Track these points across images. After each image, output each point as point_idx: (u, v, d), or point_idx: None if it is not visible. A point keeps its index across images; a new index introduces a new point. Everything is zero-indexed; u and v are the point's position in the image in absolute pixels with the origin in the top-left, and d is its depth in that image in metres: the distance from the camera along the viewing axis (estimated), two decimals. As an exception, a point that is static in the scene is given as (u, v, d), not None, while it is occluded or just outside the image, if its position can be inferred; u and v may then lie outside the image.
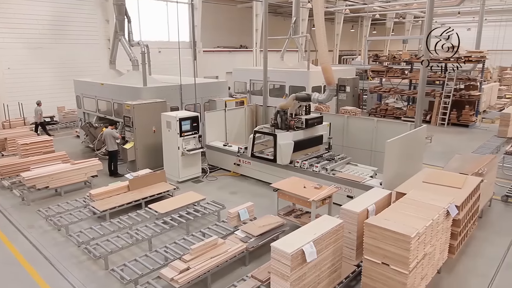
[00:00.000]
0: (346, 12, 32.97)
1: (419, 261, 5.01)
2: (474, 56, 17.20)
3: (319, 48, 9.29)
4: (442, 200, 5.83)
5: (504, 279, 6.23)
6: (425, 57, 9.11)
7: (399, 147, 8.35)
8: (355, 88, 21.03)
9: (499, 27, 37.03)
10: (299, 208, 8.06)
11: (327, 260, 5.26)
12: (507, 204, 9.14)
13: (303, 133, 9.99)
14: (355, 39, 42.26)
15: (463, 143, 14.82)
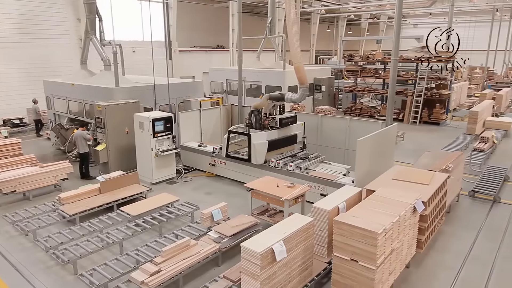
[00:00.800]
0: (321, 13, 33.34)
1: (387, 257, 5.11)
2: (444, 56, 17.71)
3: (292, 48, 9.36)
4: (409, 196, 5.97)
5: (469, 272, 6.44)
6: (394, 57, 9.31)
7: (371, 145, 8.50)
8: (331, 87, 21.30)
9: (468, 28, 38.32)
10: (273, 207, 8.10)
11: (298, 258, 5.29)
12: (474, 199, 9.45)
13: (277, 133, 10.04)
14: (332, 39, 42.84)
15: (434, 140, 15.23)
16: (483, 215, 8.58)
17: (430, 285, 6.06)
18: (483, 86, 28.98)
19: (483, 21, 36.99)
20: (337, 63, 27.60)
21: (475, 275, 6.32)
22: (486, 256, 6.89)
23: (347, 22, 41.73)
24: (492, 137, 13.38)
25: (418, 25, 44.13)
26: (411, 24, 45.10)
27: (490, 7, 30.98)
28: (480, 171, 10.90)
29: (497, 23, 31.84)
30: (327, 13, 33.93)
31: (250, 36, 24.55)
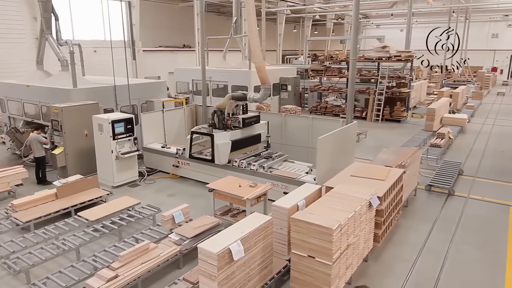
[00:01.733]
0: (287, 13, 33.67)
1: (343, 252, 5.23)
2: (403, 56, 18.36)
3: (252, 48, 9.39)
4: (365, 192, 6.13)
5: (424, 263, 6.69)
6: (353, 57, 9.54)
7: (331, 143, 8.67)
8: (296, 87, 21.57)
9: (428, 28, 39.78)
10: (236, 207, 8.10)
11: (257, 257, 5.32)
12: (430, 192, 9.84)
13: (240, 132, 10.04)
14: (298, 39, 43.37)
15: (394, 137, 15.74)
16: (439, 208, 8.95)
17: (386, 278, 6.25)
18: (441, 84, 30.26)
19: (441, 22, 38.56)
20: (303, 63, 28.00)
21: (429, 266, 6.58)
22: (440, 247, 7.19)
23: (313, 23, 42.37)
24: (448, 133, 13.99)
25: (381, 25, 45.51)
26: (374, 25, 46.43)
27: (447, 8, 32.34)
28: (437, 166, 11.36)
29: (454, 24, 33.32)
30: (292, 13, 34.31)
31: (216, 36, 24.51)
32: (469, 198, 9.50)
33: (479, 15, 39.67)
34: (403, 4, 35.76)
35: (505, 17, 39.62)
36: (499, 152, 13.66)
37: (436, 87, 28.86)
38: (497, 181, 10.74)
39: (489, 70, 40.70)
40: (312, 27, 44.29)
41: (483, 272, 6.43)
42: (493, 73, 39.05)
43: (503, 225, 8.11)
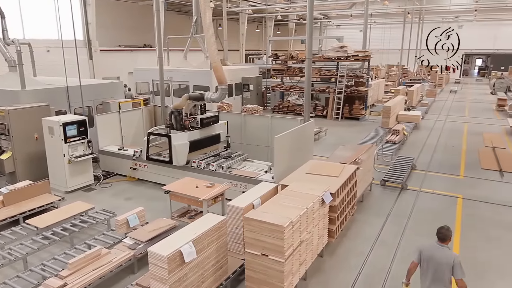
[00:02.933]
0: (249, 13, 33.76)
1: (296, 248, 5.31)
2: (361, 55, 18.91)
3: (209, 48, 9.33)
4: (318, 189, 6.26)
5: (376, 255, 6.92)
6: (308, 56, 9.71)
7: (288, 141, 8.77)
8: (259, 86, 21.67)
9: (384, 29, 41.29)
10: (194, 209, 8.01)
11: (211, 258, 5.29)
12: (385, 187, 10.20)
13: (199, 133, 9.96)
14: (261, 39, 43.61)
15: (353, 134, 16.18)
16: (392, 202, 9.30)
17: (341, 272, 6.41)
18: (398, 83, 31.45)
19: (397, 22, 40.10)
20: (266, 63, 28.17)
21: (381, 258, 6.81)
22: (392, 240, 7.47)
23: (276, 23, 42.78)
24: (402, 130, 14.56)
25: (341, 26, 46.68)
26: (335, 25, 47.55)
27: (402, 10, 33.66)
28: (391, 162, 11.79)
29: (409, 25, 34.75)
30: (254, 13, 34.44)
31: (177, 35, 24.15)
32: (421, 192, 9.93)
33: (432, 16, 41.58)
34: (361, 5, 36.90)
35: (455, 18, 41.76)
36: (450, 147, 14.38)
37: (393, 86, 29.95)
38: (447, 174, 11.30)
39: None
40: (275, 27, 44.71)
41: (431, 261, 6.74)
42: (447, 71, 41.10)
43: (451, 216, 8.54)
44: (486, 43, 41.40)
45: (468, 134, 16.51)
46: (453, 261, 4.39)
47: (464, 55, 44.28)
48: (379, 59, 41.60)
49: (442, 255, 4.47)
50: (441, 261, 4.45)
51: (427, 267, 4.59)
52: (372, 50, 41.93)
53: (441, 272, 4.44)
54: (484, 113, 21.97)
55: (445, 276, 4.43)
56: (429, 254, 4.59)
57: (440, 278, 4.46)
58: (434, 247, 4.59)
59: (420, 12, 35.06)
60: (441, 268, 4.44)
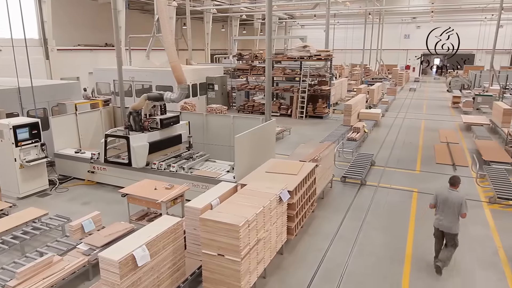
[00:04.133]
0: (213, 12, 33.57)
1: (252, 247, 5.33)
2: (323, 55, 19.26)
3: (167, 47, 9.19)
4: (276, 187, 6.31)
5: (335, 250, 7.08)
6: (268, 56, 9.78)
7: (249, 140, 8.79)
8: (224, 86, 21.61)
9: (347, 29, 42.32)
10: (154, 211, 7.88)
11: (167, 260, 5.22)
12: (345, 184, 10.45)
13: (159, 134, 9.79)
14: (228, 38, 43.50)
15: (317, 132, 16.46)
16: (351, 197, 9.54)
17: (300, 268, 6.50)
18: (361, 82, 32.31)
19: (359, 23, 41.24)
20: (231, 62, 28.13)
21: (339, 253, 6.97)
22: (350, 235, 7.66)
23: (241, 22, 42.78)
24: (363, 127, 14.97)
25: (305, 26, 47.37)
26: (299, 25, 48.19)
27: (363, 10, 34.59)
28: (352, 158, 12.09)
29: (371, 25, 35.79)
30: (219, 12, 34.29)
31: (139, 34, 23.62)
32: (379, 187, 10.26)
33: (392, 17, 43.05)
34: (325, 5, 37.64)
35: (413, 19, 43.44)
36: (408, 143, 14.94)
37: (356, 84, 30.74)
38: (404, 169, 11.73)
39: (403, 68, 44.43)
40: (241, 27, 44.70)
41: (386, 254, 6.96)
42: (406, 70, 42.67)
43: (406, 209, 8.87)
44: (443, 43, 43.34)
45: (425, 130, 17.22)
46: (462, 200, 6.01)
47: (422, 55, 46.16)
48: (343, 59, 42.63)
49: (454, 197, 6.06)
50: (454, 201, 6.03)
51: (443, 207, 6.16)
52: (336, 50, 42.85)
53: (453, 209, 6.05)
54: (441, 110, 23.01)
55: (456, 211, 6.05)
56: (444, 197, 6.16)
57: (453, 213, 6.08)
58: (447, 192, 6.17)
59: (380, 13, 36.16)
60: (453, 206, 6.04)
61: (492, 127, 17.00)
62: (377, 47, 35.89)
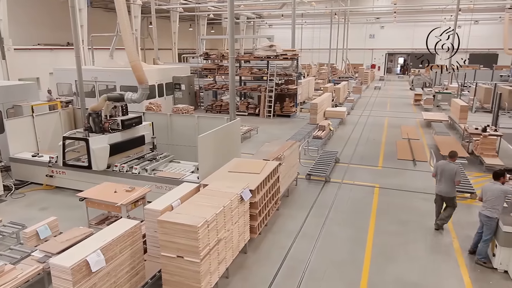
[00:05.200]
0: (180, 11, 33.16)
1: (213, 248, 5.31)
2: (289, 54, 19.45)
3: (127, 46, 8.99)
4: (237, 186, 6.31)
5: (298, 247, 7.17)
6: (231, 55, 9.76)
7: (213, 140, 8.74)
8: (191, 86, 21.40)
9: (314, 29, 42.95)
10: (115, 215, 7.68)
11: (125, 264, 5.10)
12: (310, 181, 10.60)
13: (120, 135, 9.56)
14: (195, 37, 43.10)
15: (284, 131, 16.60)
16: (316, 194, 9.69)
17: (263, 266, 6.53)
18: (328, 81, 32.88)
19: (326, 23, 42.00)
20: (199, 62, 27.87)
21: (302, 250, 7.07)
22: (313, 231, 7.78)
23: (209, 21, 42.49)
24: (328, 125, 15.24)
25: (273, 25, 47.70)
26: (268, 25, 48.46)
27: (329, 11, 35.21)
28: (317, 156, 12.29)
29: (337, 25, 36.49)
30: (186, 11, 33.90)
31: (103, 33, 22.97)
32: (343, 183, 10.48)
33: (357, 17, 44.09)
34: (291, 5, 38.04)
35: (377, 19, 44.69)
36: (371, 140, 15.35)
37: (324, 83, 31.26)
38: (367, 166, 12.05)
39: (368, 67, 45.64)
40: (209, 26, 44.41)
41: (348, 249, 7.13)
42: (372, 69, 43.84)
43: (368, 204, 9.11)
44: (406, 43, 44.85)
45: (388, 127, 17.75)
46: (455, 170, 7.24)
47: (387, 54, 47.58)
48: (310, 58, 43.25)
49: (450, 167, 7.33)
50: (450, 171, 7.27)
51: (441, 175, 7.41)
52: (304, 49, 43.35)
53: (449, 177, 7.28)
54: (403, 107, 23.79)
55: (451, 178, 7.27)
56: (442, 168, 7.43)
57: (449, 180, 7.32)
58: (445, 163, 7.48)
59: (345, 13, 36.93)
60: (449, 174, 7.27)
61: (451, 123, 17.77)
62: (343, 46, 36.64)
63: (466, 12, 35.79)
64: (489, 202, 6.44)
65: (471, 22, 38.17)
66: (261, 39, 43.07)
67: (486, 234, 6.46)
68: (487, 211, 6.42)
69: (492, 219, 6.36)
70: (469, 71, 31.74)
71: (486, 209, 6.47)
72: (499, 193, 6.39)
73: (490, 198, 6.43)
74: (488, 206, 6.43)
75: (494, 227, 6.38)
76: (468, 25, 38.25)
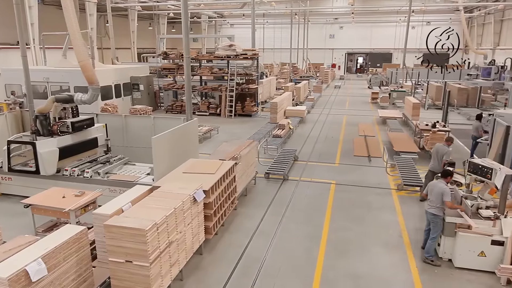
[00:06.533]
0: (139, 9, 32.38)
1: (163, 250, 5.22)
2: (249, 54, 19.49)
3: (74, 45, 8.64)
4: (190, 187, 6.24)
5: (254, 246, 7.20)
6: (186, 54, 9.64)
7: (169, 141, 8.60)
8: (150, 86, 20.97)
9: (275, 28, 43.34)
10: (65, 221, 7.36)
11: (70, 272, 4.90)
12: (268, 180, 10.69)
13: (71, 138, 9.19)
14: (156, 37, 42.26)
15: (244, 130, 16.63)
16: (274, 193, 9.77)
17: (219, 267, 6.51)
18: (290, 80, 33.29)
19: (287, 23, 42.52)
20: (158, 61, 27.34)
21: (258, 248, 7.10)
22: (270, 229, 7.84)
23: (170, 20, 41.77)
24: (288, 124, 15.42)
25: (235, 25, 47.68)
26: (229, 24, 48.37)
27: (289, 11, 35.65)
28: (276, 155, 12.40)
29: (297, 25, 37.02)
30: (144, 9, 33.13)
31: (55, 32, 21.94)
32: (300, 181, 10.64)
33: (317, 18, 44.96)
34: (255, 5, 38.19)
35: (335, 20, 45.80)
36: (329, 137, 15.70)
37: (285, 83, 31.61)
38: (324, 163, 12.31)
39: (329, 66, 46.68)
40: (170, 25, 43.67)
41: (303, 245, 7.25)
42: (332, 69, 44.87)
43: (324, 201, 9.31)
44: (364, 43, 46.29)
45: (346, 125, 18.23)
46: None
47: (346, 54, 48.87)
48: (273, 58, 43.62)
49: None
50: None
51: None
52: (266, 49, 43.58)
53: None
54: (361, 105, 24.53)
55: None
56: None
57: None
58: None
59: (305, 13, 37.55)
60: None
61: (404, 120, 18.52)
62: (303, 46, 37.23)
63: (419, 13, 37.47)
64: (434, 200, 6.60)
65: (422, 23, 39.94)
66: (223, 39, 43.03)
67: (433, 232, 6.63)
68: (433, 209, 6.58)
69: (439, 217, 6.55)
70: (423, 70, 33.22)
71: (431, 207, 6.62)
72: (439, 192, 6.52)
73: (434, 197, 6.60)
74: (434, 205, 6.59)
75: (441, 225, 6.56)
76: (421, 26, 40.01)
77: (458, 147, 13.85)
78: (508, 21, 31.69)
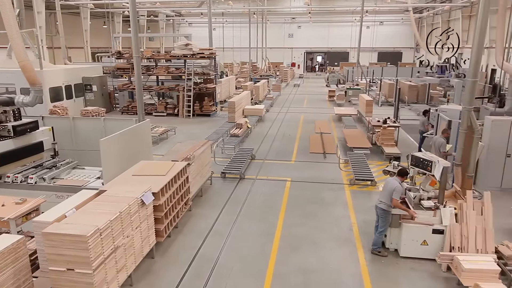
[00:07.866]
0: (91, 7, 31.19)
1: (108, 256, 5.06)
2: (206, 53, 19.34)
3: (13, 45, 8.21)
4: (137, 190, 6.10)
5: (208, 246, 7.16)
6: (136, 54, 9.41)
7: (119, 143, 8.34)
8: (104, 86, 20.29)
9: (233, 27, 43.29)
10: (5, 231, 6.95)
11: (7, 284, 4.64)
12: (225, 179, 10.66)
13: (12, 142, 8.68)
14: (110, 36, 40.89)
15: (203, 130, 16.49)
16: (229, 192, 9.77)
17: (171, 270, 6.41)
18: (249, 79, 33.38)
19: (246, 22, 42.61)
20: (113, 61, 26.49)
21: (212, 249, 7.07)
22: (224, 229, 7.83)
23: (125, 19, 40.56)
24: (245, 123, 15.47)
25: (193, 24, 47.15)
26: (188, 23, 47.75)
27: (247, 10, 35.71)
28: (233, 154, 12.39)
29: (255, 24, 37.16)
30: (97, 7, 31.97)
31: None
32: (257, 179, 10.71)
33: (275, 17, 45.40)
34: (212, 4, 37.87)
35: (293, 19, 46.51)
36: (287, 135, 15.91)
37: (245, 82, 31.66)
38: (281, 161, 12.46)
39: (289, 65, 47.31)
40: (126, 24, 42.39)
41: (257, 243, 7.30)
42: (292, 68, 45.50)
43: (279, 198, 9.42)
44: (322, 42, 47.31)
45: (303, 123, 18.55)
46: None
47: (305, 53, 49.73)
48: (232, 57, 43.56)
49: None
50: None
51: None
52: (226, 48, 43.47)
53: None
54: (319, 103, 25.07)
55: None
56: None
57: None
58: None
59: (263, 12, 37.80)
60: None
61: (359, 117, 19.13)
62: (262, 45, 37.47)
63: (372, 13, 38.82)
64: (384, 197, 6.72)
65: (374, 23, 41.44)
66: (181, 38, 42.38)
67: (381, 226, 6.83)
68: (383, 204, 6.74)
69: (388, 212, 6.73)
70: (377, 68, 34.48)
71: (381, 203, 6.74)
72: (391, 189, 6.61)
73: (385, 193, 6.71)
74: (384, 200, 6.73)
75: (389, 219, 6.77)
76: (374, 26, 41.49)
77: (407, 141, 14.50)
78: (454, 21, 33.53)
